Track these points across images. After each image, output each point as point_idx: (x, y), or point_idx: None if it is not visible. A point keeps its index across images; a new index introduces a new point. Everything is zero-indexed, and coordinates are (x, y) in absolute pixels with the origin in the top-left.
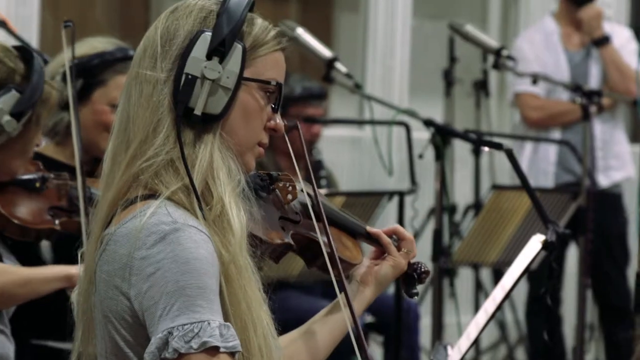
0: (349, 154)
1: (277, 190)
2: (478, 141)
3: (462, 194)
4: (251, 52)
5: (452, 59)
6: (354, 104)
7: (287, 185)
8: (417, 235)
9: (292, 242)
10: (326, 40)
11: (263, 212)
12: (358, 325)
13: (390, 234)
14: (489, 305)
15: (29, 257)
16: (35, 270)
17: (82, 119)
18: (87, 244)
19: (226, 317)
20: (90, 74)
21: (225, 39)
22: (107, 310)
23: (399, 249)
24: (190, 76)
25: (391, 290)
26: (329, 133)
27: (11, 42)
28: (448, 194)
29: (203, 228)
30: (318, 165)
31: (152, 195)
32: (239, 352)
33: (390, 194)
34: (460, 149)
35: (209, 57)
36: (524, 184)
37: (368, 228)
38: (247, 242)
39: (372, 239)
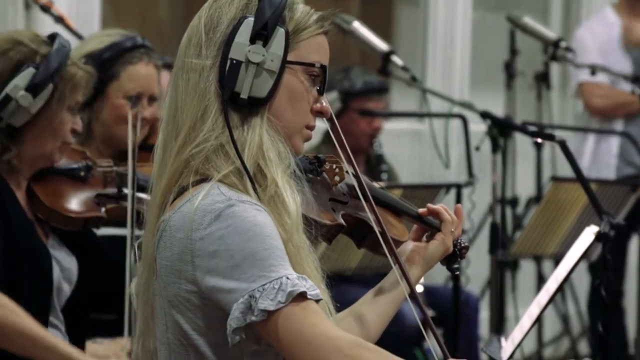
0: (410, 147)
1: (324, 172)
2: (532, 132)
3: (524, 187)
4: (294, 36)
5: (513, 51)
6: (414, 97)
7: (334, 167)
8: (476, 228)
9: (343, 223)
10: (387, 33)
11: (314, 194)
12: (416, 293)
13: (432, 213)
14: (542, 297)
15: (84, 244)
16: (49, 337)
17: (101, 114)
18: (144, 233)
19: None
20: (102, 68)
21: (267, 22)
22: (171, 295)
23: (439, 229)
24: (235, 61)
25: (450, 282)
26: (389, 126)
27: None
28: (506, 187)
29: (258, 203)
30: (379, 159)
31: (204, 179)
32: (321, 300)
33: (448, 187)
34: (522, 142)
35: (252, 41)
36: (578, 175)
37: (421, 210)
38: (302, 222)
39: (419, 218)
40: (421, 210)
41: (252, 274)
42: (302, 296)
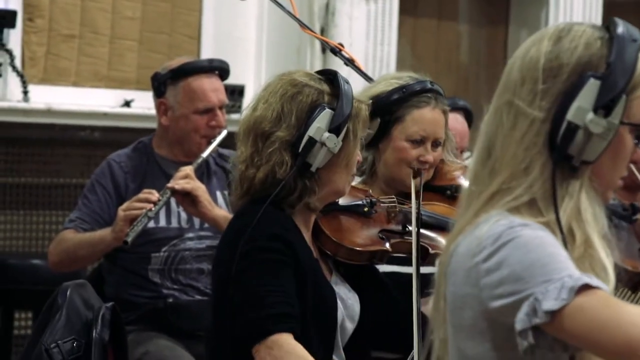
0: None
1: None
2: None
3: None
4: (628, 95)
5: None
6: None
7: None
8: None
9: None
10: None
11: (624, 243)
12: None
13: None
14: None
15: (367, 280)
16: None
17: (384, 155)
18: (439, 259)
19: None
20: (387, 111)
21: (617, 95)
22: (455, 321)
23: None
24: (572, 125)
25: None
26: None
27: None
28: None
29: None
30: None
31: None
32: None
33: None
34: None
35: (595, 109)
36: None
37: None
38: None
39: None
40: None
41: (534, 281)
42: (586, 287)
